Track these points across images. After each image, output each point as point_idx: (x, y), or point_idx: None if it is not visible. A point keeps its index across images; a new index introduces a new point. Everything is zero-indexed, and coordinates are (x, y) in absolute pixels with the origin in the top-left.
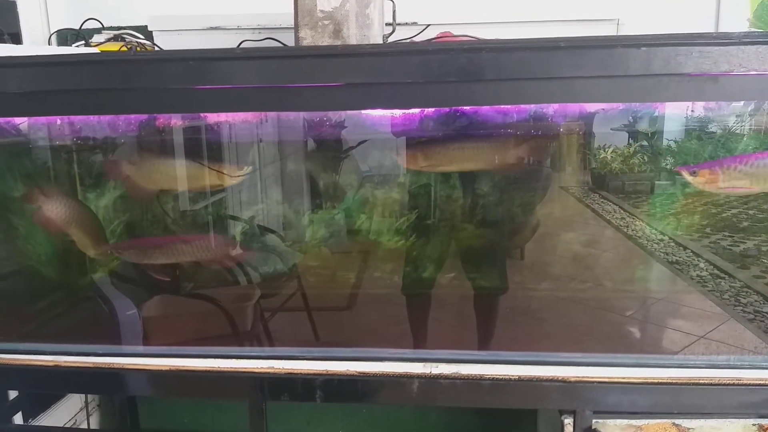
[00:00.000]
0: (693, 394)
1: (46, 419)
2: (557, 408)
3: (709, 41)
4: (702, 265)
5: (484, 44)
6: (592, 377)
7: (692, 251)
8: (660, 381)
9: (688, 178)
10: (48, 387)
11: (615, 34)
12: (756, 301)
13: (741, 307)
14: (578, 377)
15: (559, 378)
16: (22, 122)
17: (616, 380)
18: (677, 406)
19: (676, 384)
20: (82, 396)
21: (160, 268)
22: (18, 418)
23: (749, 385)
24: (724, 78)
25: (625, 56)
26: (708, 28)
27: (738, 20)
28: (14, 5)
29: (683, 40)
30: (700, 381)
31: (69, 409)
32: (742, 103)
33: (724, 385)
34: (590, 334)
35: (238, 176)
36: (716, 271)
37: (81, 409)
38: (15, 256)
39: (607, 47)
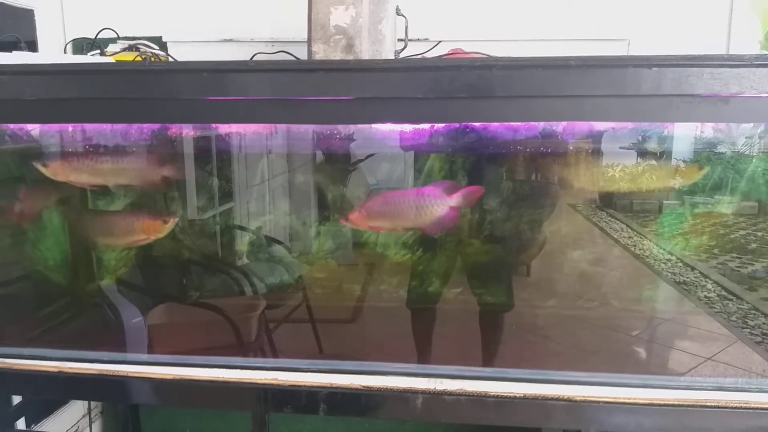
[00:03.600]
0: (700, 417)
1: (48, 425)
2: (562, 428)
3: (721, 63)
4: (709, 286)
5: (494, 61)
6: (598, 397)
7: (700, 272)
8: (666, 403)
9: (347, 224)
10: (51, 393)
11: (625, 54)
12: (764, 323)
13: (749, 330)
14: (584, 397)
15: (565, 397)
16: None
17: (621, 401)
18: (683, 428)
19: (682, 406)
20: (85, 402)
21: None
22: (21, 424)
23: (757, 408)
24: (734, 99)
25: (636, 76)
26: (719, 49)
27: (749, 42)
28: (32, 13)
29: (695, 61)
30: (707, 404)
31: (72, 415)
32: (751, 124)
33: (732, 408)
34: (596, 353)
35: None
36: (724, 293)
37: (84, 416)
38: (23, 261)
39: (619, 67)
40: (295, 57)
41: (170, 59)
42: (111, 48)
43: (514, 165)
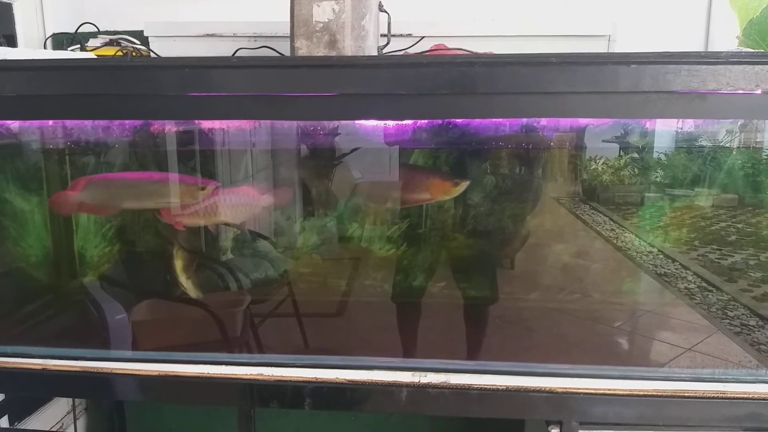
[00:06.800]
0: (678, 407)
1: (32, 423)
2: (544, 418)
3: (698, 60)
4: (690, 277)
5: (477, 58)
6: (579, 388)
7: (680, 264)
8: (645, 393)
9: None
10: (35, 390)
11: (606, 50)
12: (743, 314)
13: (728, 320)
14: (565, 388)
15: (546, 389)
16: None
17: (602, 392)
18: (662, 418)
19: (661, 396)
20: (70, 400)
21: None
22: (4, 422)
23: (733, 398)
24: (711, 96)
25: (615, 73)
26: (698, 44)
27: (727, 38)
28: (10, 7)
29: (672, 58)
30: (685, 394)
31: (56, 412)
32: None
33: (709, 398)
34: (578, 345)
35: None
36: (704, 284)
37: (68, 413)
38: (4, 258)
39: (598, 64)
40: (278, 52)
41: (152, 54)
42: (92, 43)
43: (498, 159)
